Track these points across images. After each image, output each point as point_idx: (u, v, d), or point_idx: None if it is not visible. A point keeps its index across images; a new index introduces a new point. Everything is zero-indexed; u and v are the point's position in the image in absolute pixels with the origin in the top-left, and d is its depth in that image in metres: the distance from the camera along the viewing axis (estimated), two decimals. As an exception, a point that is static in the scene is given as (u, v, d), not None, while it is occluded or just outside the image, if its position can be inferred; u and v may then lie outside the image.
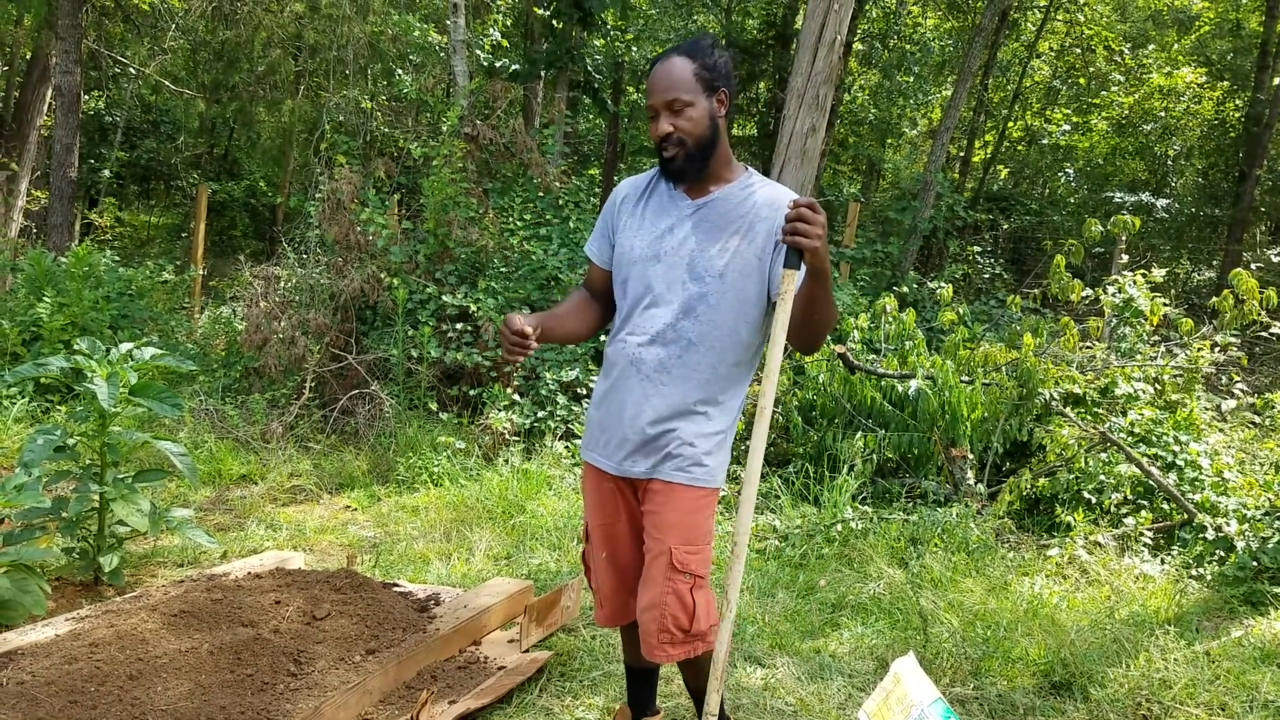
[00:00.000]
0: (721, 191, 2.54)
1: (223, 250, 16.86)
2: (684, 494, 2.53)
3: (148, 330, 8.29)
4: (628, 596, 2.71)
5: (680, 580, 2.50)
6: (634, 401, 2.54)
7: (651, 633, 2.52)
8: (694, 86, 2.44)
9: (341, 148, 9.53)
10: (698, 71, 2.44)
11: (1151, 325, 6.81)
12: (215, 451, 6.21)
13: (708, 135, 2.48)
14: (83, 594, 4.03)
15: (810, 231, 2.24)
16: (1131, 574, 4.89)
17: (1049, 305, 9.25)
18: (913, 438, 5.96)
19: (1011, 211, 15.98)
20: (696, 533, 2.52)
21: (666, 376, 2.51)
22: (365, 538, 5.12)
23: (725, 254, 2.49)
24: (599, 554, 2.72)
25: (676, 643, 2.52)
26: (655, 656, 2.54)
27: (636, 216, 2.63)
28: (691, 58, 2.45)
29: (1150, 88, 16.73)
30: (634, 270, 2.58)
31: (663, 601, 2.50)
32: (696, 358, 2.51)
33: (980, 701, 3.56)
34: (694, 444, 2.52)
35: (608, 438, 2.61)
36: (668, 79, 2.44)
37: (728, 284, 2.48)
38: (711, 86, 2.47)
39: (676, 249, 2.52)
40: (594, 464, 2.68)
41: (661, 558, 2.51)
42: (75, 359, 3.93)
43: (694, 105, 2.44)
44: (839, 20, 7.63)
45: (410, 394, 7.04)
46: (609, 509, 2.67)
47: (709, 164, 2.52)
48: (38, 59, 13.17)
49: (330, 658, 3.17)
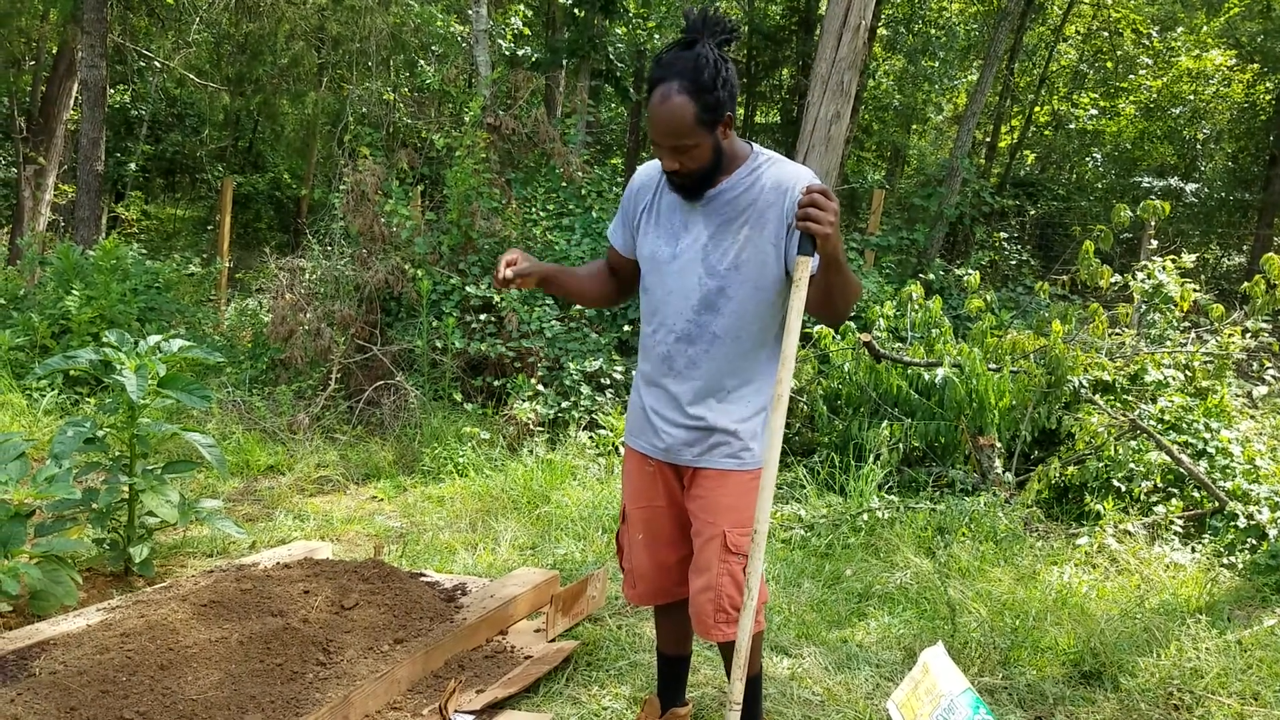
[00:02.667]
0: (728, 182, 2.52)
1: (248, 243, 16.98)
2: (734, 479, 2.58)
3: (175, 323, 8.35)
4: (663, 579, 2.77)
5: (734, 561, 2.55)
6: (672, 395, 2.61)
7: (708, 614, 2.57)
8: (696, 131, 2.38)
9: (365, 140, 9.55)
10: (699, 116, 2.36)
11: (1182, 311, 6.73)
12: (243, 443, 6.25)
13: (712, 164, 2.47)
14: (113, 584, 4.07)
15: (822, 218, 2.24)
16: (1162, 563, 4.85)
17: (1077, 291, 9.17)
18: (939, 426, 5.92)
19: (1038, 197, 15.84)
20: (747, 514, 2.55)
21: (698, 371, 2.56)
22: (392, 528, 5.14)
23: (736, 245, 2.50)
24: (635, 535, 2.76)
25: (733, 621, 2.56)
26: (713, 636, 2.59)
27: (653, 212, 2.64)
28: (693, 97, 2.35)
29: (1179, 71, 16.52)
30: (656, 268, 2.62)
31: (718, 583, 2.55)
32: (724, 349, 2.54)
33: (1009, 691, 3.54)
34: (737, 430, 2.56)
35: (652, 427, 2.66)
36: (669, 124, 2.37)
37: (744, 274, 2.50)
38: (714, 123, 2.41)
39: (691, 245, 2.55)
40: (639, 450, 2.73)
41: (715, 540, 2.55)
42: (104, 351, 3.96)
43: (698, 146, 2.41)
44: (863, 5, 7.58)
45: (435, 385, 7.06)
46: (650, 493, 2.72)
47: (716, 177, 2.51)
48: (64, 54, 13.27)
49: (359, 647, 3.19)
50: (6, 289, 8.66)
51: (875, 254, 9.47)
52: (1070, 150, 18.43)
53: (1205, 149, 17.11)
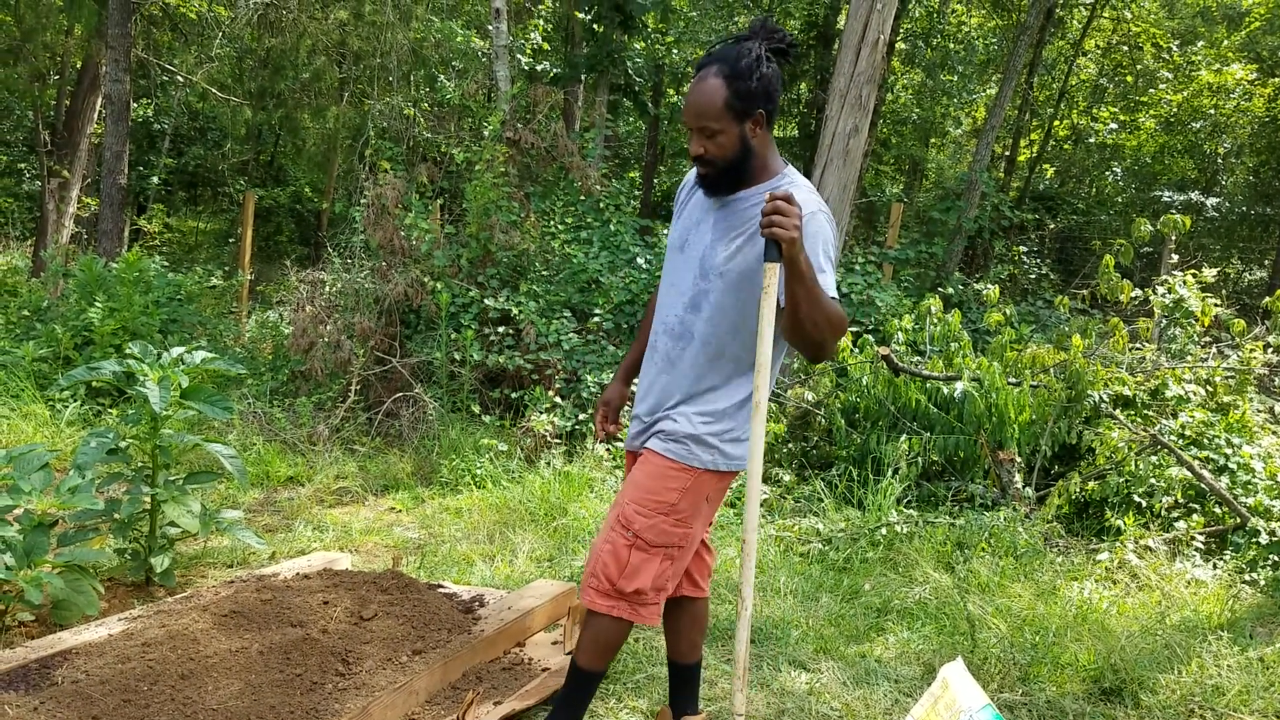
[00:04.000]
0: (747, 192, 2.57)
1: (269, 256, 17.09)
2: (654, 459, 2.61)
3: (196, 335, 8.41)
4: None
5: (621, 535, 2.55)
6: (645, 386, 2.71)
7: (585, 574, 2.63)
8: (724, 115, 2.44)
9: (385, 154, 9.62)
10: (729, 101, 2.42)
11: (1203, 326, 6.69)
12: (263, 454, 6.29)
13: (737, 157, 2.50)
14: (134, 594, 4.10)
15: (784, 223, 2.25)
16: (1183, 579, 4.81)
17: (1097, 306, 9.13)
18: (958, 440, 5.90)
19: (1058, 211, 15.77)
20: (653, 498, 2.56)
21: (672, 368, 2.63)
22: (410, 539, 5.16)
23: (729, 254, 2.54)
24: None
25: (603, 593, 2.57)
26: (583, 597, 2.63)
27: (682, 206, 2.74)
28: (728, 82, 2.42)
29: (1199, 85, 16.43)
30: (667, 259, 2.72)
31: (600, 549, 2.59)
32: (697, 350, 2.59)
33: (1029, 707, 3.52)
34: (677, 421, 2.60)
35: (632, 420, 2.77)
36: (698, 105, 2.45)
37: (728, 283, 2.54)
38: (745, 113, 2.45)
39: (697, 243, 2.62)
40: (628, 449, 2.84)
41: (615, 509, 2.62)
42: (127, 363, 3.99)
43: (724, 133, 2.46)
44: (882, 19, 7.58)
45: (453, 397, 7.09)
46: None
47: (744, 175, 2.55)
48: (88, 68, 13.42)
49: (377, 658, 3.19)
50: (30, 301, 8.75)
51: (894, 267, 9.45)
52: (1090, 164, 18.35)
53: (1226, 163, 17.01)
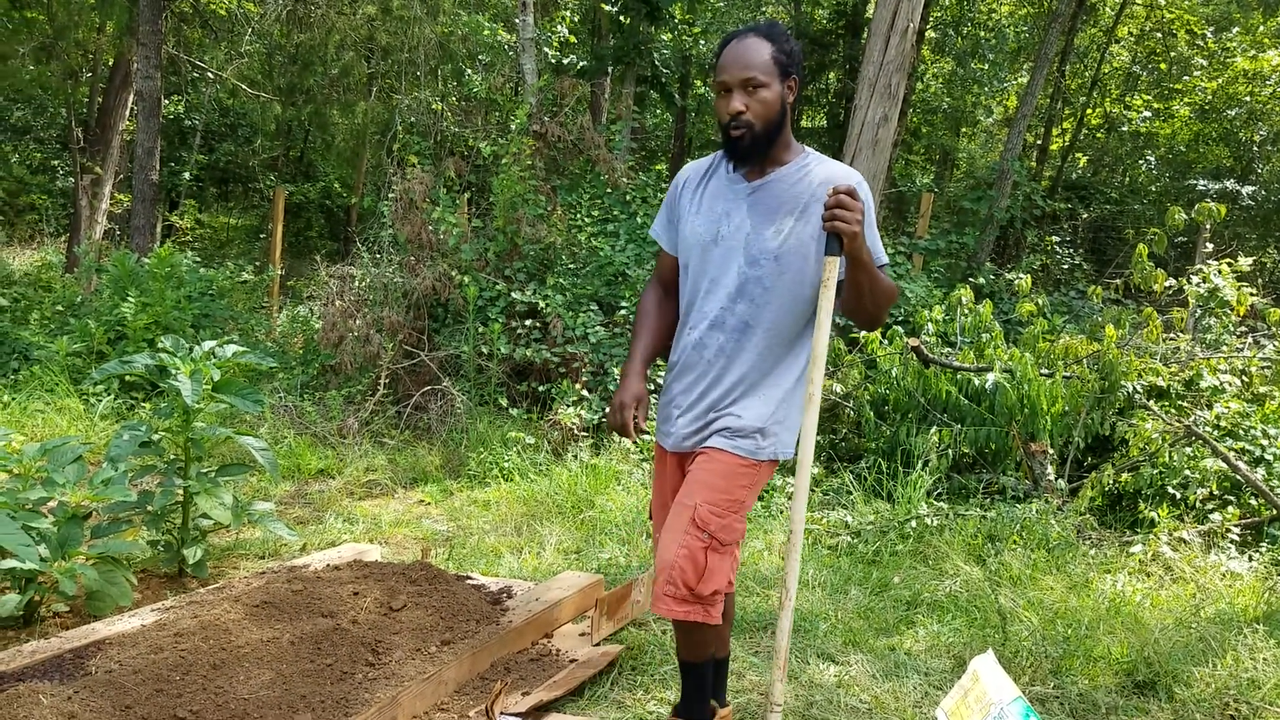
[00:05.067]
0: (778, 173, 2.56)
1: (299, 251, 17.20)
2: (722, 458, 2.55)
3: (228, 329, 8.49)
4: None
5: (697, 537, 2.47)
6: (699, 385, 2.61)
7: (659, 584, 2.50)
8: (770, 69, 2.47)
9: (413, 148, 9.65)
10: (775, 55, 2.48)
11: (1238, 315, 6.59)
12: (294, 446, 6.34)
13: (776, 119, 2.51)
14: (167, 585, 4.14)
15: (849, 218, 2.29)
16: (1218, 571, 4.75)
17: (1131, 296, 9.02)
18: (990, 432, 5.84)
19: (1091, 200, 15.58)
20: (726, 498, 2.51)
21: (726, 360, 2.56)
22: (439, 531, 5.18)
23: (779, 235, 2.51)
24: (657, 535, 2.76)
25: (680, 599, 2.48)
26: (657, 608, 2.51)
27: (696, 201, 2.66)
28: (770, 40, 2.49)
29: (1234, 72, 16.17)
30: (694, 255, 2.63)
31: (676, 554, 2.48)
32: (753, 340, 2.55)
33: (1061, 700, 3.48)
34: (741, 416, 2.55)
35: (672, 419, 2.67)
36: (745, 57, 2.47)
37: (783, 265, 2.51)
38: (786, 71, 2.50)
39: (734, 233, 2.56)
40: (660, 443, 2.75)
41: (685, 511, 2.50)
42: (160, 357, 4.03)
43: (768, 87, 2.47)
44: (911, 7, 7.52)
45: (481, 390, 7.11)
46: (664, 488, 2.74)
47: (773, 147, 2.54)
48: (119, 65, 13.54)
49: (407, 648, 3.21)
50: (64, 296, 8.86)
51: (924, 258, 9.38)
52: (1123, 153, 18.12)
53: (1262, 151, 16.73)
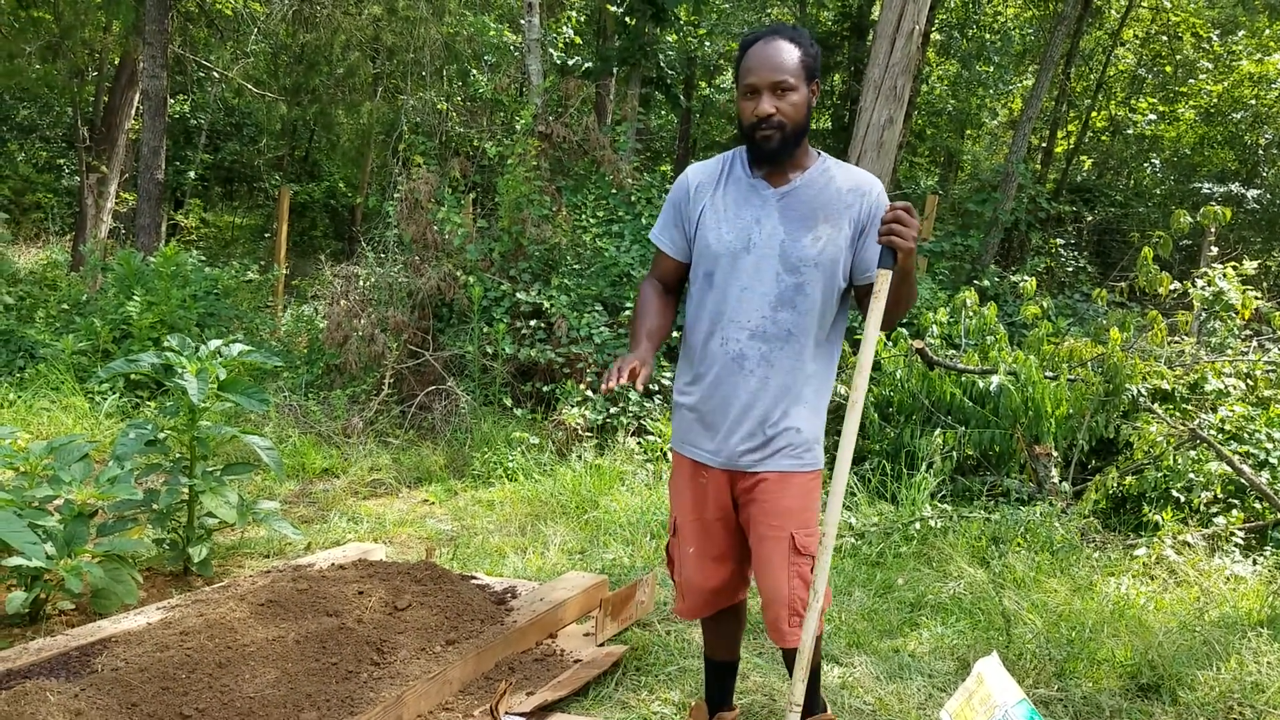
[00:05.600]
0: (803, 179, 2.56)
1: (304, 250, 17.23)
2: (796, 480, 2.57)
3: (233, 328, 8.50)
4: (713, 593, 2.74)
5: (803, 563, 2.55)
6: (742, 397, 2.55)
7: (783, 618, 2.56)
8: (799, 72, 2.48)
9: (419, 148, 9.66)
10: (803, 59, 2.49)
11: (1243, 319, 6.58)
12: (299, 446, 6.35)
13: (803, 123, 2.51)
14: (172, 583, 4.15)
15: (905, 234, 2.34)
16: (1222, 575, 4.74)
17: (1136, 299, 9.01)
18: (994, 435, 5.84)
19: (1095, 203, 15.58)
20: (811, 515, 2.57)
21: (771, 370, 2.53)
22: (443, 531, 5.19)
23: (818, 242, 2.51)
24: (687, 549, 2.71)
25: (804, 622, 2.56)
26: (788, 642, 2.57)
27: (717, 207, 2.60)
28: (797, 44, 2.49)
29: (1240, 75, 16.17)
30: (721, 263, 2.56)
31: (790, 586, 2.54)
32: (797, 347, 2.53)
33: (1064, 703, 3.48)
34: (801, 430, 2.56)
35: (712, 433, 2.60)
36: (776, 59, 2.47)
37: (821, 271, 2.51)
38: (811, 75, 2.51)
39: (767, 240, 2.52)
40: (692, 457, 2.66)
41: (781, 544, 2.54)
42: (166, 355, 4.04)
43: (797, 90, 2.48)
44: (917, 9, 7.52)
45: (485, 390, 7.12)
46: (701, 505, 2.67)
47: (795, 151, 2.54)
48: (125, 64, 13.57)
49: (411, 648, 3.22)
50: (70, 294, 8.88)
51: (928, 260, 9.38)
52: (1128, 156, 18.10)
53: (1268, 154, 16.71)
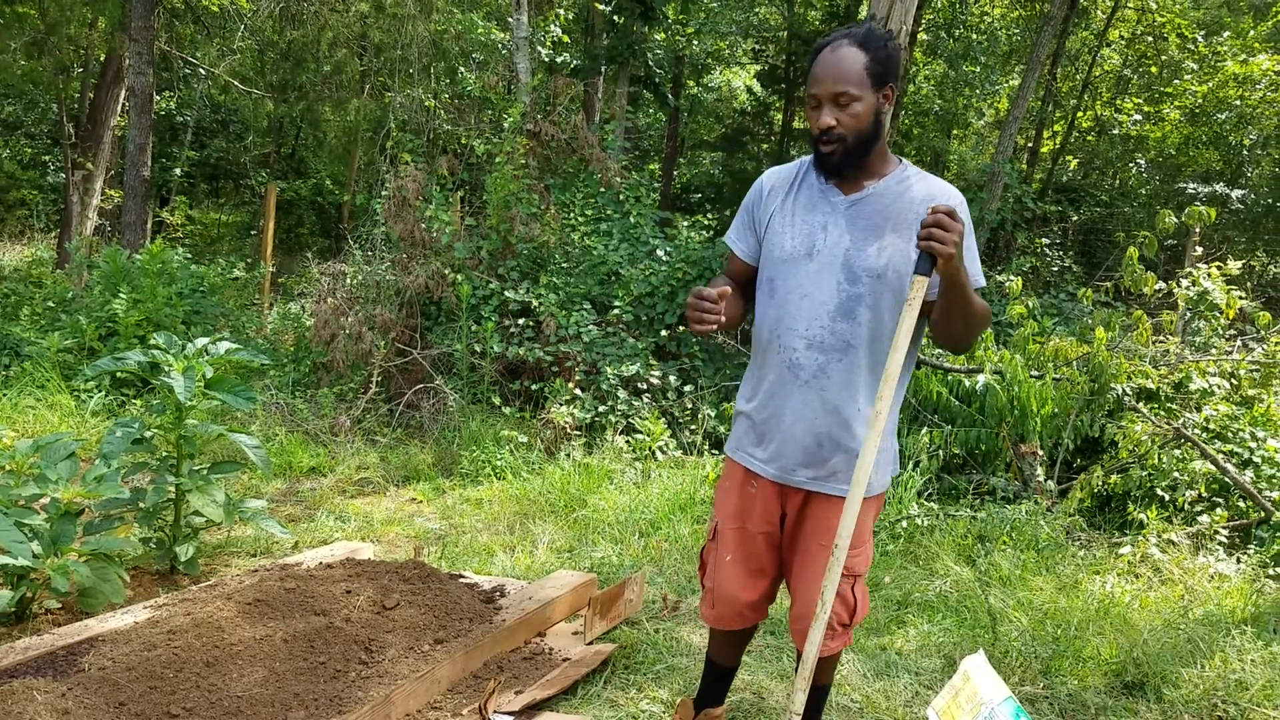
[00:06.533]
0: (877, 187, 2.44)
1: (290, 248, 17.18)
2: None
3: (219, 326, 8.47)
4: (748, 605, 2.67)
5: (844, 581, 2.53)
6: (795, 409, 2.49)
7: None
8: (864, 80, 2.33)
9: (407, 146, 9.65)
10: (869, 65, 2.34)
11: (1227, 319, 6.63)
12: (286, 444, 6.33)
13: (870, 132, 2.38)
14: (159, 582, 4.14)
15: (945, 238, 2.17)
16: (1206, 573, 4.78)
17: (1121, 298, 9.06)
18: (980, 434, 5.87)
19: (1081, 203, 15.66)
20: (861, 536, 2.53)
21: (827, 382, 2.44)
22: (431, 529, 5.19)
23: (884, 253, 2.39)
24: (724, 555, 2.65)
25: (836, 636, 2.58)
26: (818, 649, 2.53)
27: (786, 212, 2.52)
28: (864, 49, 2.34)
29: (1225, 76, 16.26)
30: (783, 269, 2.48)
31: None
32: (855, 360, 2.43)
33: (1050, 700, 3.51)
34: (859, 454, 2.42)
35: (767, 443, 2.56)
36: (836, 70, 2.34)
37: (886, 284, 2.39)
38: (882, 81, 2.36)
39: (831, 247, 2.43)
40: (744, 464, 2.62)
41: (826, 558, 2.47)
42: (153, 353, 4.03)
43: (861, 100, 2.34)
44: (905, 10, 7.52)
45: (473, 388, 7.11)
46: (747, 514, 2.62)
47: (867, 159, 2.42)
48: (111, 61, 13.50)
49: (400, 646, 3.22)
50: (55, 292, 8.83)
51: (915, 260, 9.41)
52: (1113, 156, 18.20)
53: (1252, 155, 16.82)
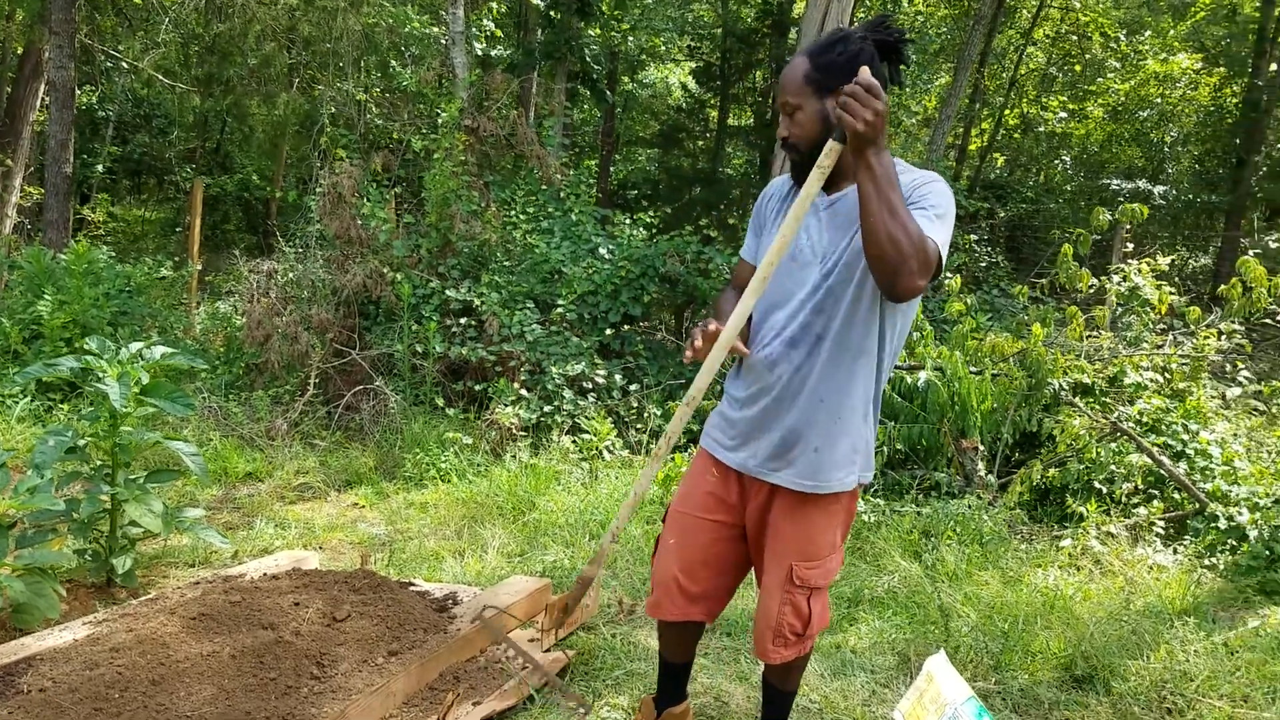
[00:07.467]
0: (850, 189, 2.44)
1: (216, 245, 16.76)
2: (810, 505, 2.51)
3: (147, 327, 8.21)
4: (686, 596, 2.65)
5: (798, 593, 2.53)
6: (770, 405, 2.50)
7: (766, 638, 2.56)
8: (803, 89, 2.37)
9: (341, 141, 9.46)
10: (809, 73, 2.37)
11: (1159, 314, 6.79)
12: (220, 449, 6.16)
13: (819, 137, 2.38)
14: (96, 596, 3.99)
15: (855, 110, 2.12)
16: (1145, 564, 4.89)
17: (1053, 294, 9.24)
18: (923, 429, 5.94)
19: (1007, 200, 15.98)
20: (817, 547, 2.52)
21: (799, 375, 2.46)
22: (376, 535, 5.09)
23: (853, 248, 2.39)
24: (667, 539, 2.67)
25: (789, 645, 2.57)
26: (768, 657, 2.58)
27: (778, 219, 2.58)
28: (809, 57, 2.38)
29: (1146, 74, 16.72)
30: (776, 270, 2.50)
31: (780, 612, 2.53)
32: (827, 355, 2.44)
33: (1003, 696, 3.55)
34: (820, 449, 2.47)
35: (734, 433, 2.59)
36: (783, 81, 2.42)
37: (850, 272, 2.40)
38: (825, 87, 2.36)
39: (811, 247, 2.47)
40: (711, 452, 2.66)
41: (780, 570, 2.53)
42: (86, 359, 3.88)
43: (803, 108, 2.38)
44: (842, 8, 7.60)
45: (416, 390, 7.00)
46: (703, 503, 2.63)
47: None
48: (30, 54, 13.04)
49: (353, 660, 3.14)
50: (-27, 294, 8.51)
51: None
52: (1039, 153, 18.60)
53: (1173, 151, 17.31)
